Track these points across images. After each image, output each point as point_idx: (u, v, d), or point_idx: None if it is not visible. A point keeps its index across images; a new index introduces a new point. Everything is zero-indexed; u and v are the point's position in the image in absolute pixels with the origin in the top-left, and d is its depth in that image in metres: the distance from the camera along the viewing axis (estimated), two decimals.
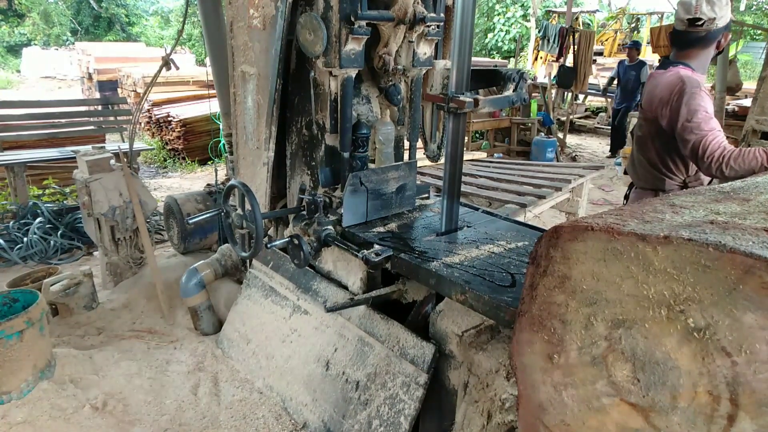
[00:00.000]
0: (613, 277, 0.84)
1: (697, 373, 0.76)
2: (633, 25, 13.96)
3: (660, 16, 13.53)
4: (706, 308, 0.74)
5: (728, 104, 7.47)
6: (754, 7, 17.72)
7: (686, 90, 1.94)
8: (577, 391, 0.91)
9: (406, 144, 2.56)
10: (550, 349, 0.95)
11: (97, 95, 10.16)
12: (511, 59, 14.94)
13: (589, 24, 14.61)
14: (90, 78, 10.90)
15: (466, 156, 5.14)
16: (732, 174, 1.79)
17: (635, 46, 8.02)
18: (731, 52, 8.00)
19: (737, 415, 0.73)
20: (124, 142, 5.29)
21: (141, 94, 7.36)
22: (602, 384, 0.87)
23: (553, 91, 9.41)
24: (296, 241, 2.03)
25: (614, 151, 8.32)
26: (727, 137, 2.00)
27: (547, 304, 0.94)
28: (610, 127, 10.08)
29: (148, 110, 8.08)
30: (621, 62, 8.06)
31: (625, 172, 6.19)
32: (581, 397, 0.90)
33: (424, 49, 2.26)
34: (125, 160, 3.47)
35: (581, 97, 10.81)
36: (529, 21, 15.04)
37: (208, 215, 2.32)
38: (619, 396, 0.85)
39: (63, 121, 5.32)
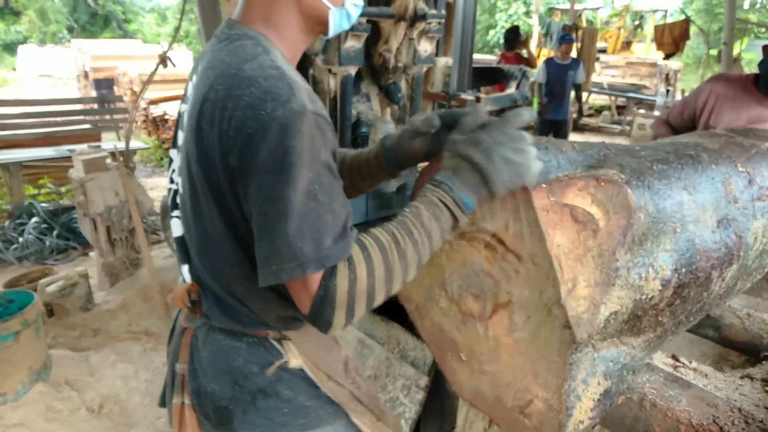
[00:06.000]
0: None
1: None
2: (637, 22, 13.90)
3: (664, 13, 13.49)
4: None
5: None
6: (759, 4, 17.75)
7: None
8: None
9: None
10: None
11: (94, 93, 10.11)
12: None
13: (592, 21, 14.59)
14: (86, 76, 10.83)
15: None
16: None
17: (568, 40, 6.18)
18: (735, 50, 7.93)
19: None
20: (120, 140, 5.24)
21: (137, 92, 7.33)
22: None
23: None
24: None
25: None
26: None
27: None
28: (614, 126, 9.92)
29: (145, 108, 8.04)
30: (550, 60, 6.13)
31: None
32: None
33: (425, 47, 2.23)
34: (121, 159, 3.44)
35: (585, 95, 10.69)
36: (531, 18, 15.03)
37: None
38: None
39: (59, 119, 5.28)
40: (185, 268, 0.99)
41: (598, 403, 0.95)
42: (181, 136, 0.96)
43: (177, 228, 1.01)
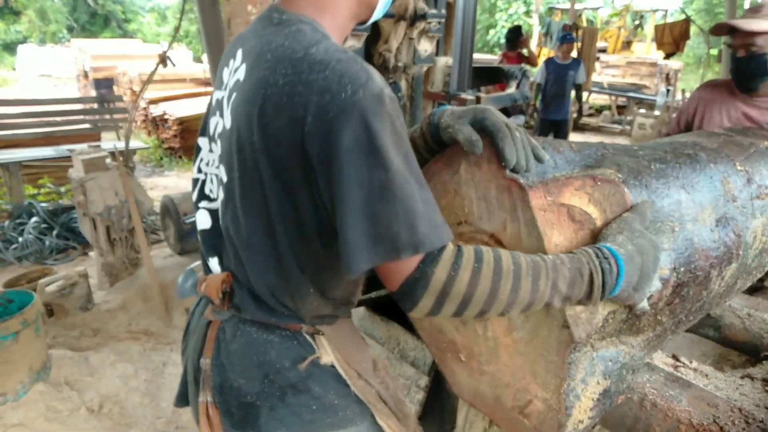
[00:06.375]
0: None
1: None
2: (637, 22, 13.88)
3: (664, 13, 13.47)
4: None
5: None
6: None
7: None
8: None
9: None
10: None
11: (94, 93, 10.10)
12: None
13: (592, 21, 14.58)
14: (86, 76, 10.83)
15: None
16: None
17: (570, 40, 6.19)
18: None
19: None
20: (119, 140, 5.24)
21: (137, 92, 7.33)
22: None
23: None
24: None
25: None
26: None
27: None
28: (614, 126, 9.87)
29: (144, 108, 8.03)
30: (550, 60, 6.13)
31: None
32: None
33: (425, 46, 2.23)
34: (121, 158, 3.44)
35: (585, 95, 10.67)
36: (531, 17, 15.01)
37: None
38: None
39: (59, 119, 5.28)
40: (214, 260, 0.96)
41: (597, 402, 0.94)
42: (217, 124, 0.92)
43: (204, 219, 0.98)
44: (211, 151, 0.95)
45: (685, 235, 1.00)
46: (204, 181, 0.97)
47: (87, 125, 5.45)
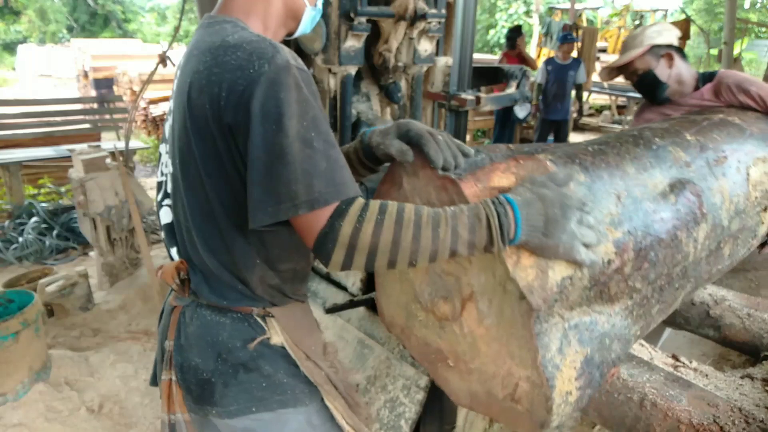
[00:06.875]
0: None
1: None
2: (637, 22, 13.88)
3: (664, 12, 13.48)
4: None
5: None
6: (759, 4, 17.73)
7: None
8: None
9: None
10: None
11: (93, 93, 10.10)
12: None
13: (592, 21, 14.58)
14: (86, 75, 10.83)
15: None
16: None
17: (570, 40, 6.12)
18: (736, 50, 7.86)
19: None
20: (119, 140, 5.24)
21: (137, 92, 7.32)
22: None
23: None
24: None
25: None
26: None
27: None
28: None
29: (144, 108, 8.03)
30: (550, 60, 6.09)
31: None
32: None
33: (425, 46, 2.23)
34: (121, 158, 3.44)
35: (585, 94, 10.67)
36: (531, 17, 15.02)
37: None
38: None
39: (58, 119, 5.27)
40: (173, 250, 1.04)
41: (581, 371, 0.95)
42: (168, 128, 1.03)
43: (166, 216, 1.06)
44: (167, 152, 1.04)
45: (634, 200, 1.04)
46: (165, 182, 1.06)
47: (87, 125, 5.45)
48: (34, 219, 4.27)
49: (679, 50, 1.88)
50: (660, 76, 1.85)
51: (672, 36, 1.86)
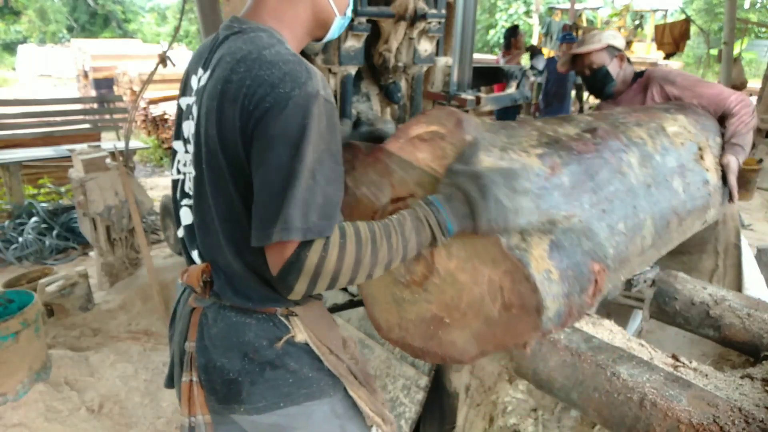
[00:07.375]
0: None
1: None
2: (637, 22, 13.87)
3: (664, 13, 13.47)
4: None
5: None
6: (759, 4, 17.73)
7: None
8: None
9: None
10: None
11: (93, 93, 10.11)
12: None
13: (592, 21, 14.57)
14: (86, 75, 10.83)
15: None
16: None
17: (571, 39, 6.09)
18: (736, 50, 7.85)
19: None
20: (119, 140, 5.24)
21: (137, 92, 7.31)
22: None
23: None
24: None
25: None
26: None
27: None
28: None
29: (144, 108, 8.03)
30: (551, 60, 6.13)
31: None
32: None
33: (425, 46, 2.22)
34: (121, 158, 3.43)
35: (585, 94, 10.65)
36: (531, 17, 15.01)
37: None
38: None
39: (58, 119, 5.27)
40: (195, 253, 1.06)
41: (551, 251, 0.97)
42: (187, 127, 1.02)
43: (186, 216, 1.07)
44: (186, 152, 1.04)
45: (555, 134, 1.25)
46: (183, 181, 1.07)
47: (87, 125, 5.44)
48: (34, 219, 4.27)
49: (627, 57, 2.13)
50: (611, 73, 2.04)
51: (622, 43, 2.08)
